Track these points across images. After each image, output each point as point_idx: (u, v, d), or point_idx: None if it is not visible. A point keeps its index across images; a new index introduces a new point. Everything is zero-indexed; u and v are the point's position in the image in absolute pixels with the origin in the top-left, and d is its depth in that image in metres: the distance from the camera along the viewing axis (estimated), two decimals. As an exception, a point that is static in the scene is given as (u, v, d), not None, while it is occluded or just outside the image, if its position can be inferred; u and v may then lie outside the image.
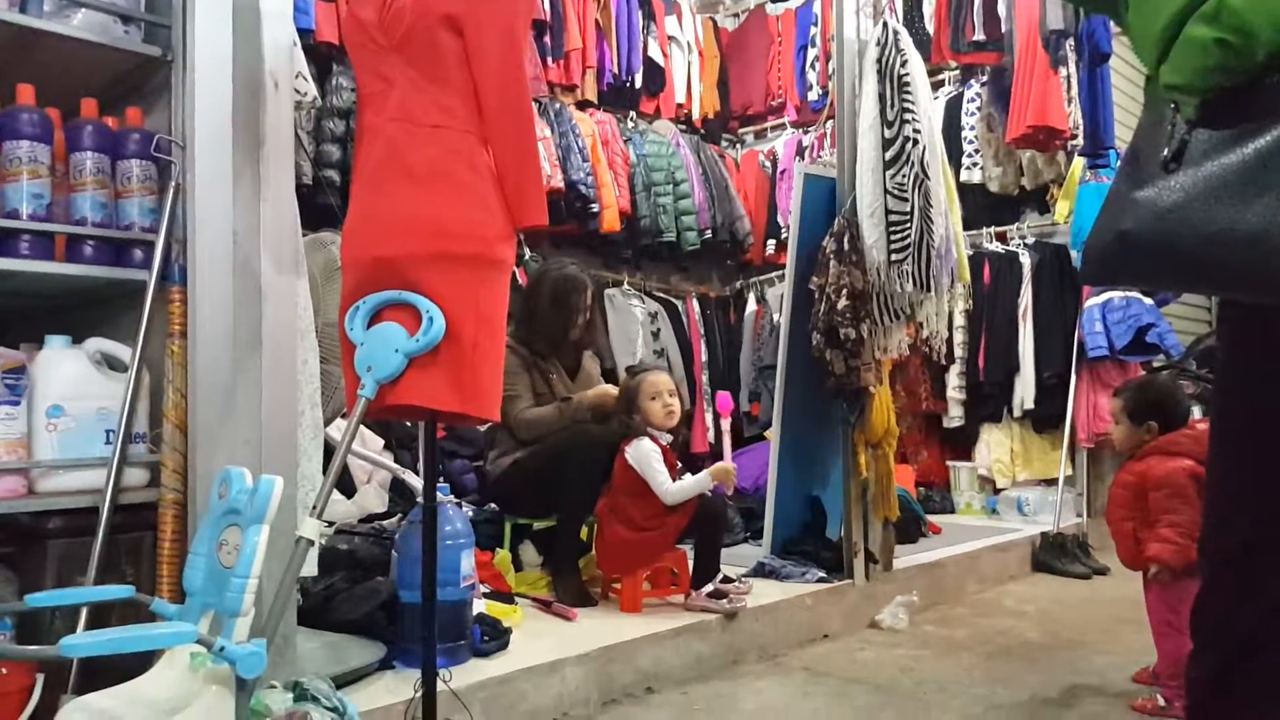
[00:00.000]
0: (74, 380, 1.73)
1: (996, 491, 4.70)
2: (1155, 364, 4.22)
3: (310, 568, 1.99)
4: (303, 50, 2.36)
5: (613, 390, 2.92)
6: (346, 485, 3.29)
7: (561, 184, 4.27)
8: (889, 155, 2.89)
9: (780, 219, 5.40)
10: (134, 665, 1.44)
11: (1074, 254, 4.37)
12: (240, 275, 1.74)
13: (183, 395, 1.74)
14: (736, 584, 2.74)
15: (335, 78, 3.66)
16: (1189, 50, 0.94)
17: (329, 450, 2.10)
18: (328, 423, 2.16)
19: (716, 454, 4.22)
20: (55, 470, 1.69)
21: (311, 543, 1.47)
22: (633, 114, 5.07)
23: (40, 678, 1.53)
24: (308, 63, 2.72)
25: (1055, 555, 3.94)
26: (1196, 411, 2.67)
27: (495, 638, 2.20)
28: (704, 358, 5.15)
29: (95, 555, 1.65)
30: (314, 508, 1.48)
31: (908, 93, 2.91)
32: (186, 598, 1.44)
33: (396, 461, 3.34)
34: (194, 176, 1.73)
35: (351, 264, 1.62)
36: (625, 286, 4.92)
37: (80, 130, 1.74)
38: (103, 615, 1.62)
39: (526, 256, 4.23)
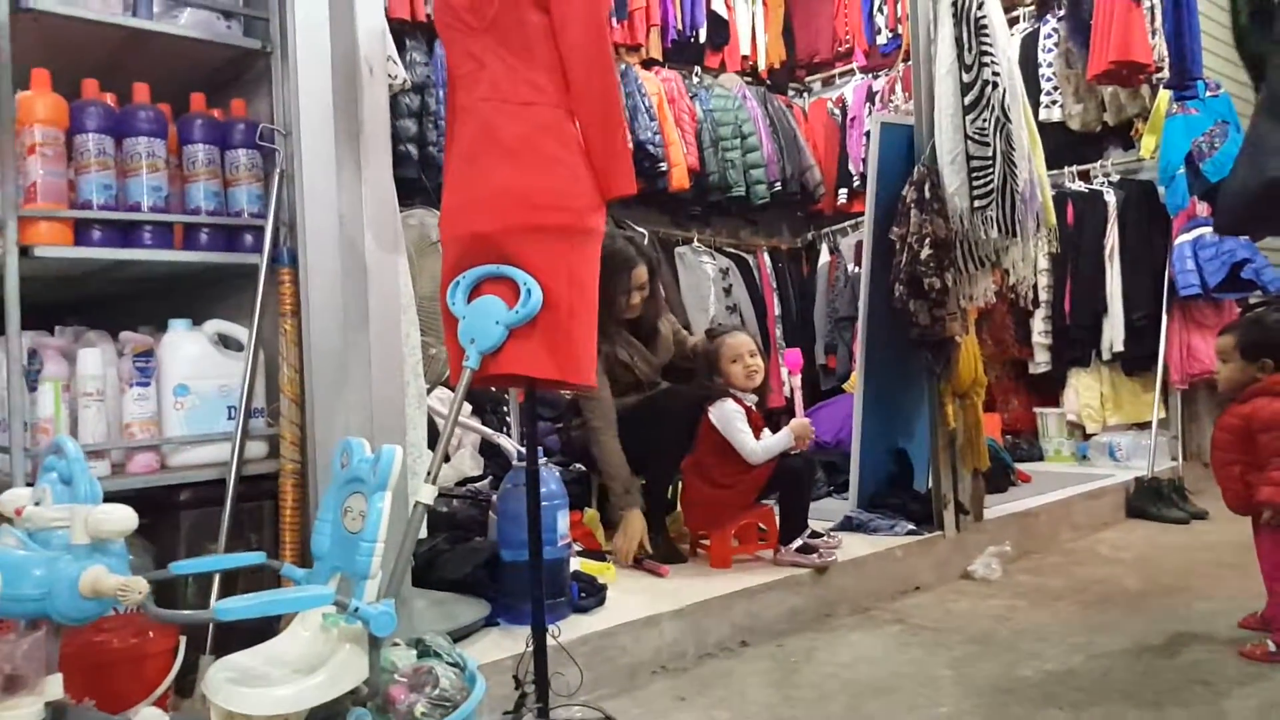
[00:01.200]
0: (196, 360, 1.83)
1: (1086, 437, 4.59)
2: (1252, 300, 4.04)
3: (422, 530, 2.07)
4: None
5: None
6: (443, 451, 3.40)
7: (630, 144, 4.27)
8: (968, 100, 2.82)
9: (851, 167, 5.30)
10: (261, 626, 1.53)
11: (1161, 190, 4.19)
12: (346, 255, 1.82)
13: (297, 371, 1.83)
14: (825, 539, 2.75)
15: (409, 53, 3.71)
16: None
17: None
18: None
19: (792, 409, 4.21)
20: (184, 446, 1.81)
21: (428, 507, 1.55)
22: (698, 69, 5.01)
23: (183, 640, 1.64)
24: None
25: (1151, 500, 3.85)
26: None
27: (592, 594, 2.27)
28: (777, 312, 5.13)
29: (225, 524, 1.76)
30: (429, 474, 1.55)
31: (985, 35, 2.82)
32: (315, 562, 1.53)
33: (484, 425, 3.44)
34: (299, 163, 1.81)
35: (451, 240, 1.68)
36: (695, 244, 4.91)
37: (191, 124, 1.83)
38: (229, 579, 1.72)
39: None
